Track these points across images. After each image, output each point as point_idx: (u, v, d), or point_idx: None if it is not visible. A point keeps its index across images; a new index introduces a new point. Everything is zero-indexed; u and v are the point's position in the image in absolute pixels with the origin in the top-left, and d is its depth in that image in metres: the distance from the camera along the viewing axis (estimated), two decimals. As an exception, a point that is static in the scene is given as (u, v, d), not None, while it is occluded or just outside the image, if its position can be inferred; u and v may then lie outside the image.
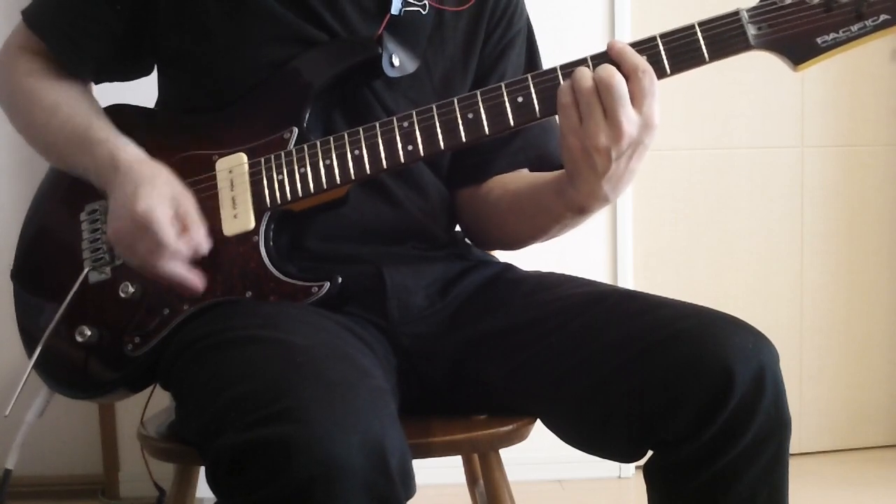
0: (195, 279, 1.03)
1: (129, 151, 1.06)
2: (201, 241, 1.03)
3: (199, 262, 1.05)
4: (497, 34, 1.21)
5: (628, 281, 2.25)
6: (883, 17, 0.95)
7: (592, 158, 0.97)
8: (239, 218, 1.06)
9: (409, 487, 0.81)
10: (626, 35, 2.17)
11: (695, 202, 2.33)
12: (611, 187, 1.00)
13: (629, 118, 0.95)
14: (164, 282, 1.04)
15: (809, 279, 2.41)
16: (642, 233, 2.30)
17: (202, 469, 0.86)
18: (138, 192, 1.01)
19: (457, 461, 1.33)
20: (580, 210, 1.06)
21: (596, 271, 2.23)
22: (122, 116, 1.13)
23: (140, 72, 1.21)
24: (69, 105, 1.12)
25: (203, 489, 1.03)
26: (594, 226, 2.23)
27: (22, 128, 1.17)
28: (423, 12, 1.14)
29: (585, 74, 0.96)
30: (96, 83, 1.19)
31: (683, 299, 1.04)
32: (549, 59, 1.28)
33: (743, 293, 2.35)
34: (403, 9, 1.12)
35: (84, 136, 1.09)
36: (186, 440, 0.99)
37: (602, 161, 0.97)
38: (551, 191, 1.09)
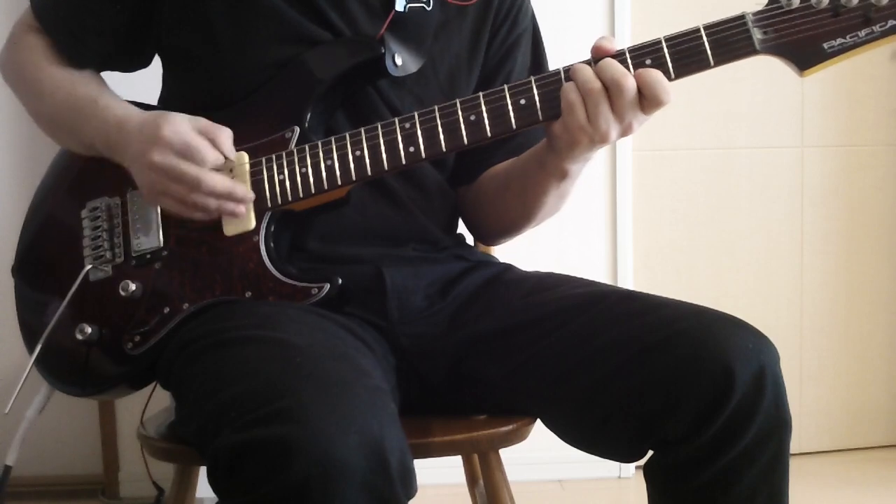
0: (242, 188, 1.04)
1: (136, 110, 1.09)
2: (230, 147, 1.05)
3: (199, 263, 1.06)
4: (503, 32, 1.21)
5: (628, 281, 2.25)
6: (891, 22, 0.93)
7: (595, 147, 1.01)
8: (239, 217, 1.06)
9: (409, 487, 0.81)
10: (626, 35, 2.17)
11: (695, 202, 2.33)
12: (595, 153, 1.05)
13: (638, 119, 0.97)
14: (210, 205, 1.03)
15: (809, 279, 2.40)
16: (642, 232, 2.30)
17: (202, 469, 0.86)
18: (158, 123, 1.02)
19: (457, 461, 1.33)
20: (563, 175, 1.09)
21: (596, 271, 2.23)
22: None
23: (142, 64, 1.22)
24: (78, 79, 1.14)
25: (203, 489, 1.03)
26: (594, 226, 2.23)
27: (29, 102, 1.18)
28: (428, 9, 1.14)
29: (591, 75, 0.97)
30: (99, 72, 1.20)
31: (683, 299, 1.04)
32: (549, 58, 1.28)
33: (743, 293, 2.35)
34: (408, 5, 1.12)
35: (92, 104, 1.10)
36: (186, 440, 0.99)
37: (603, 146, 1.01)
38: (534, 164, 1.12)
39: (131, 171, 1.06)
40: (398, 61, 1.10)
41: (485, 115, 1.02)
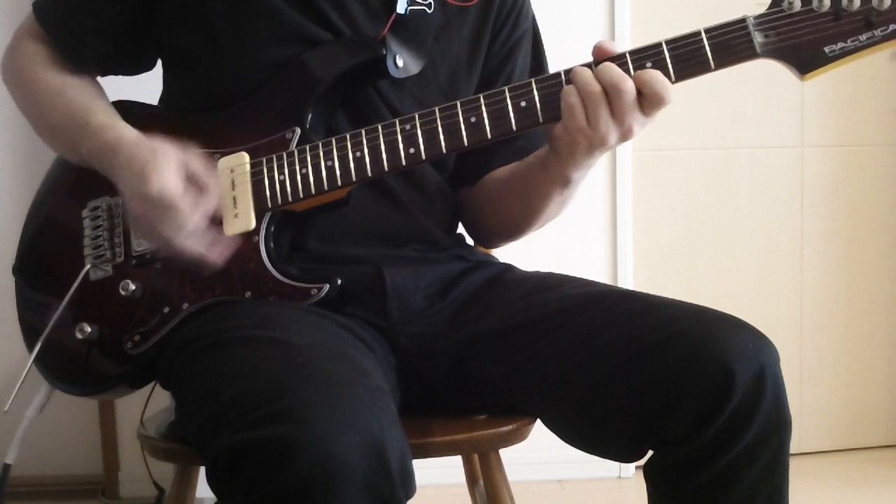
0: (212, 257, 1.03)
1: (129, 134, 1.07)
2: (217, 200, 1.04)
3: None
4: (503, 34, 1.21)
5: (628, 281, 2.25)
6: (892, 26, 0.93)
7: (595, 151, 1.00)
8: (239, 218, 1.06)
9: (409, 487, 0.81)
10: (626, 35, 2.17)
11: (695, 202, 2.33)
12: (596, 159, 1.04)
13: (639, 121, 0.97)
14: (185, 259, 1.03)
15: (809, 279, 2.41)
16: (642, 232, 2.30)
17: (202, 469, 0.86)
18: (145, 172, 1.00)
19: (457, 461, 1.33)
20: (565, 181, 1.08)
21: (596, 271, 2.23)
22: (126, 113, 1.13)
23: (145, 66, 1.22)
24: (73, 90, 1.14)
25: (203, 489, 1.03)
26: (594, 226, 2.23)
27: (28, 111, 1.18)
28: (429, 11, 1.14)
29: (589, 76, 0.97)
30: (102, 76, 1.20)
31: (683, 299, 1.04)
32: (549, 58, 1.28)
33: (743, 293, 2.35)
34: (409, 7, 1.12)
35: (86, 121, 1.09)
36: (186, 440, 0.99)
37: (603, 151, 1.00)
38: (538, 168, 1.11)
39: (122, 198, 1.06)
40: (399, 62, 1.10)
41: (485, 116, 1.02)
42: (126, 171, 1.03)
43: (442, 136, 1.03)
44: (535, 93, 1.01)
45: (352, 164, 1.04)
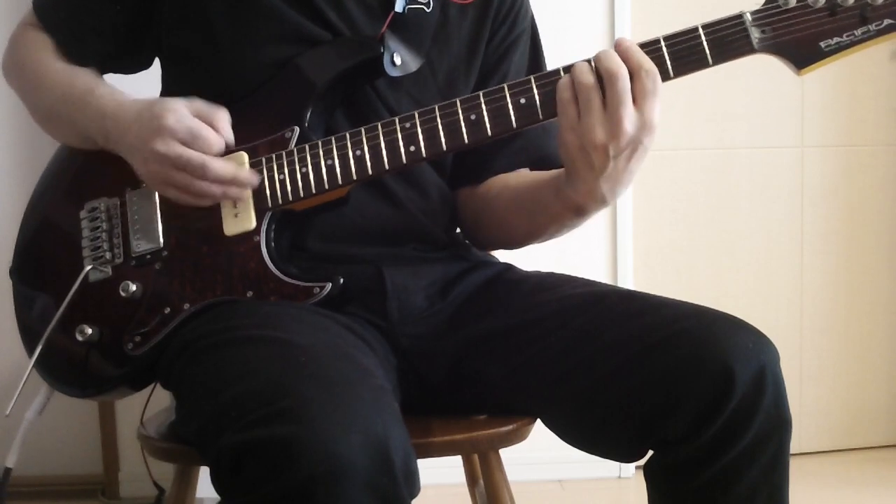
0: (245, 171, 1.04)
1: (132, 99, 1.09)
2: (229, 130, 1.05)
3: (200, 263, 1.06)
4: (501, 33, 1.21)
5: (628, 281, 2.25)
6: (887, 21, 0.94)
7: (590, 156, 0.97)
8: (240, 217, 1.06)
9: (412, 486, 0.81)
10: (626, 35, 2.16)
11: (695, 202, 2.33)
12: (609, 188, 1.00)
13: (629, 115, 0.94)
14: (215, 192, 1.03)
15: (809, 279, 2.41)
16: (642, 232, 2.30)
17: (202, 469, 0.86)
18: (158, 112, 1.02)
19: (457, 461, 1.33)
20: (578, 210, 1.06)
21: (596, 271, 2.23)
22: None
23: (144, 65, 1.22)
24: (76, 72, 1.15)
25: (203, 489, 1.04)
26: (594, 226, 2.23)
27: (29, 97, 1.18)
28: (428, 10, 1.14)
29: (585, 69, 0.97)
30: (101, 73, 1.20)
31: (683, 299, 1.04)
32: (549, 58, 1.28)
33: (743, 293, 2.35)
34: (407, 6, 1.12)
35: (88, 94, 1.10)
36: (186, 440, 0.99)
37: (599, 158, 0.97)
38: (550, 189, 1.09)
39: (131, 161, 1.06)
40: (397, 61, 1.10)
41: (485, 114, 1.02)
42: (135, 123, 1.04)
43: (442, 135, 1.03)
44: (535, 90, 1.01)
45: (352, 163, 1.04)
